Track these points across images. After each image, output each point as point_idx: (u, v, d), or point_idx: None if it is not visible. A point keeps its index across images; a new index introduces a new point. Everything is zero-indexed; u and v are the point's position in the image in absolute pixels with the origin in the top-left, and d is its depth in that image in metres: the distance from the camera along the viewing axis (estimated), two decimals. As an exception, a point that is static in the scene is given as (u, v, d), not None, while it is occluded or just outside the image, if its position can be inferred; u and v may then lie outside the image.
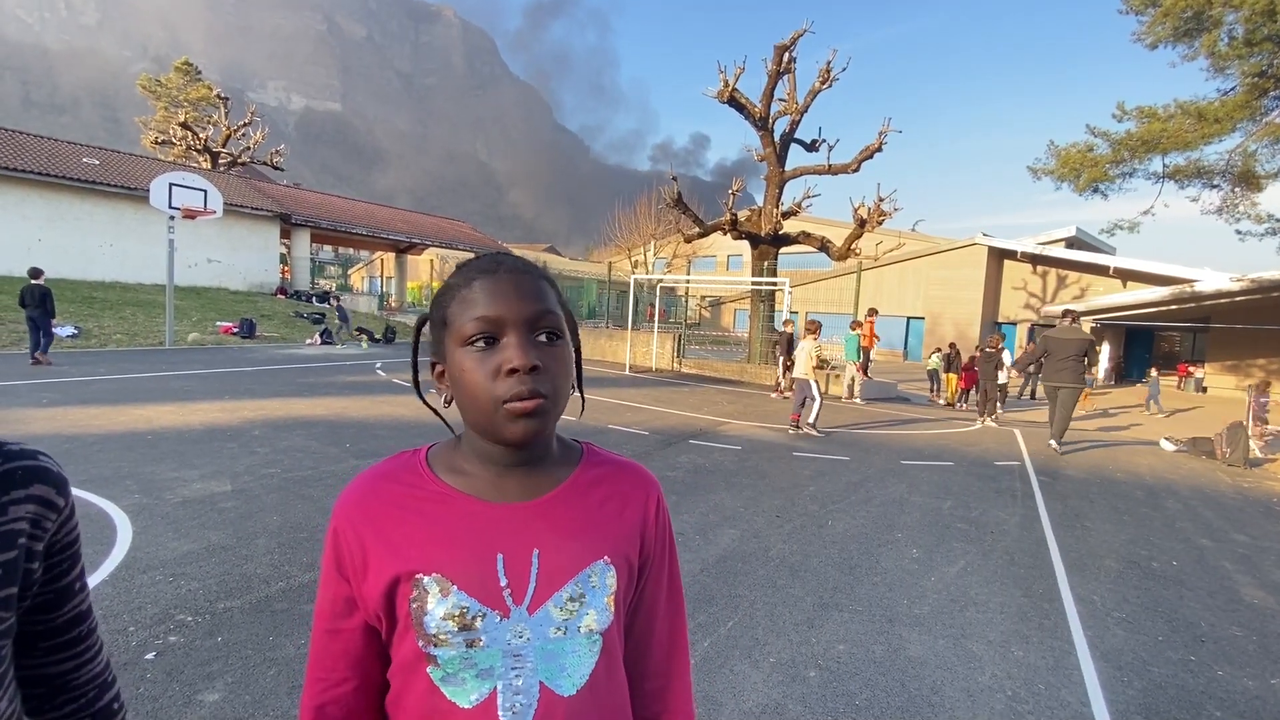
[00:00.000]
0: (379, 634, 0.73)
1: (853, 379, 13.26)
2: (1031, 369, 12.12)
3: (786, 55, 16.29)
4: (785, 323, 11.87)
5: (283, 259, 26.37)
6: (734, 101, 16.51)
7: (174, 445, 5.68)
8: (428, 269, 37.79)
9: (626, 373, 15.15)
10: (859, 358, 13.53)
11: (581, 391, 0.82)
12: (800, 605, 3.44)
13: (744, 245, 18.84)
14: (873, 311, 15.23)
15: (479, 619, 0.68)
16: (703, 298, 35.95)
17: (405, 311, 27.32)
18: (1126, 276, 23.33)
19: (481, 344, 0.68)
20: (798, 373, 8.70)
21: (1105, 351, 22.88)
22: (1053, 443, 8.49)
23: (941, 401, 14.11)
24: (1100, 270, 24.06)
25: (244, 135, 33.14)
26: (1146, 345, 25.68)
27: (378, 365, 13.20)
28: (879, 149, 16.36)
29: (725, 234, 17.26)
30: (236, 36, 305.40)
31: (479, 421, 0.69)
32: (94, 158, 20.77)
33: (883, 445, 8.21)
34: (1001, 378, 11.39)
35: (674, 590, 0.83)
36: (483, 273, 0.71)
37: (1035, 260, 26.14)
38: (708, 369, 16.32)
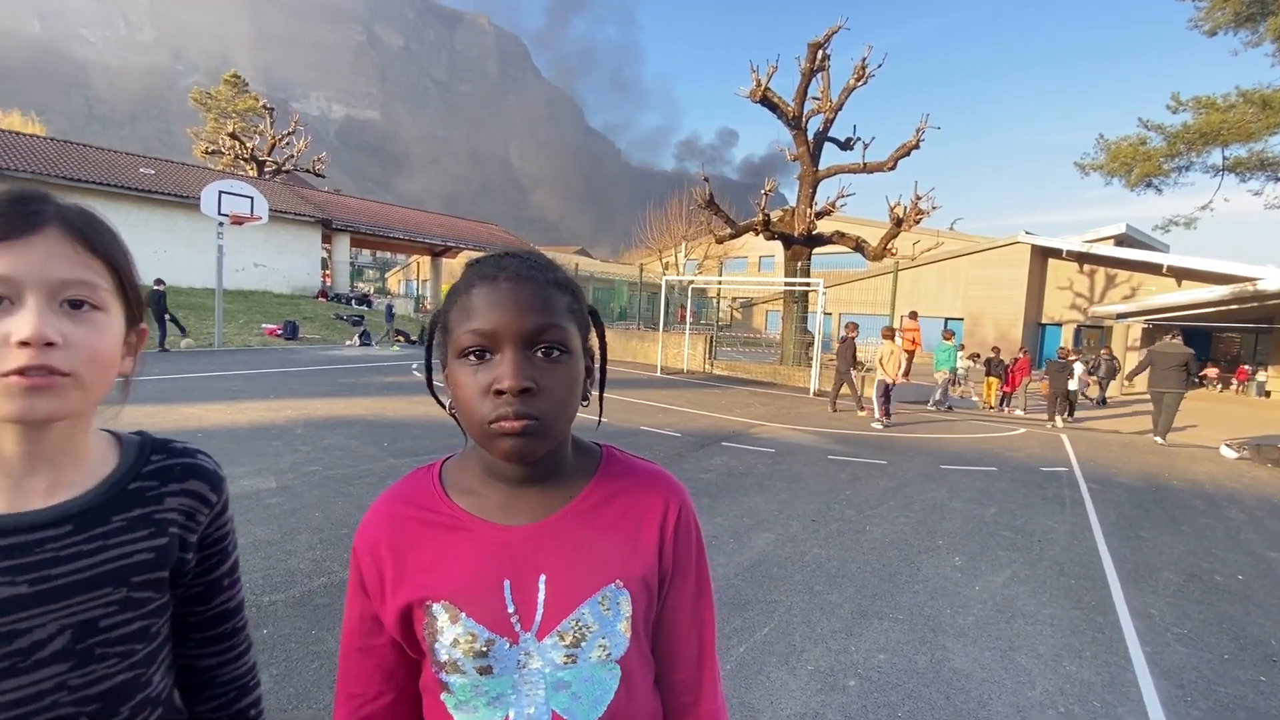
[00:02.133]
0: (407, 655, 0.73)
1: (947, 387, 12.78)
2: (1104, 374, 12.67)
3: (820, 52, 16.08)
4: (848, 328, 11.36)
5: (323, 263, 27.09)
6: (766, 101, 16.35)
7: (222, 443, 5.87)
8: (461, 271, 38.45)
9: (658, 374, 15.12)
10: (952, 365, 13.11)
11: (601, 399, 0.77)
12: (838, 612, 3.35)
13: (776, 246, 18.62)
14: (913, 315, 14.91)
15: (489, 646, 0.66)
16: (734, 299, 35.71)
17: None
18: (1181, 275, 22.34)
19: (473, 358, 0.65)
20: (884, 374, 9.75)
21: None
22: (1158, 439, 9.59)
23: (975, 399, 13.75)
24: (1153, 269, 23.10)
25: (288, 144, 34.15)
26: (1204, 347, 24.56)
27: (414, 366, 13.43)
28: (916, 146, 16.01)
29: (757, 234, 17.10)
30: (281, 49, 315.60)
31: (474, 436, 0.67)
32: (150, 168, 21.68)
33: (920, 449, 8.01)
34: (1072, 385, 11.96)
35: (701, 603, 0.77)
36: (482, 279, 0.67)
37: (1082, 259, 25.23)
38: (740, 370, 16.19)
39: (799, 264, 16.43)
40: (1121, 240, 27.46)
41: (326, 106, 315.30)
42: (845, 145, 17.21)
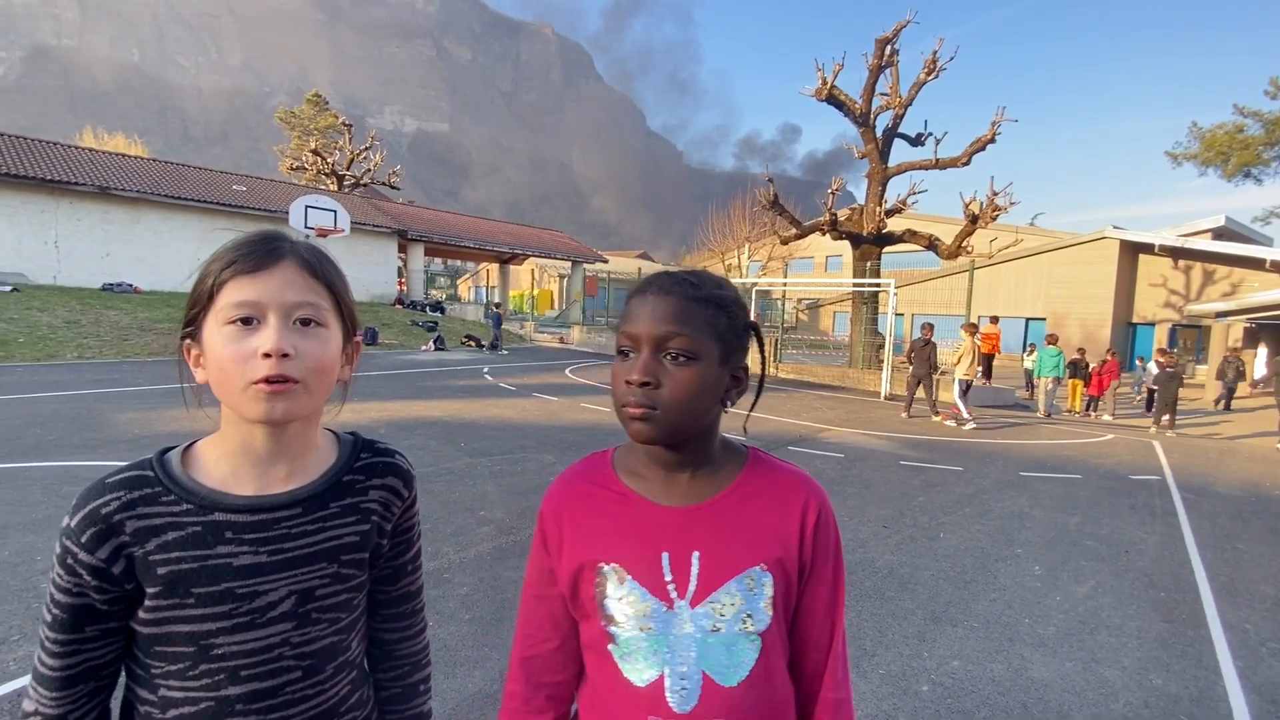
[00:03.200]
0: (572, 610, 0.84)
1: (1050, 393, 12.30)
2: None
3: (889, 48, 15.70)
4: (925, 329, 10.92)
5: (399, 271, 28.34)
6: (833, 99, 16.07)
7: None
8: (529, 278, 39.34)
9: (722, 377, 15.07)
10: (1060, 372, 12.62)
11: (754, 404, 0.88)
12: (910, 618, 3.34)
13: (843, 245, 18.26)
14: (994, 319, 14.47)
15: (649, 608, 0.77)
16: (799, 300, 35.11)
17: (508, 319, 28.57)
18: (1290, 270, 20.53)
19: (622, 355, 0.79)
20: (961, 374, 9.95)
21: (1261, 356, 20.20)
22: None
23: (1058, 404, 13.06)
24: (1255, 264, 21.29)
25: (365, 158, 35.90)
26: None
27: (485, 370, 13.92)
28: (992, 140, 15.39)
29: (824, 234, 16.82)
30: (356, 67, 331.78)
31: (620, 419, 0.80)
32: (241, 184, 23.30)
33: (999, 455, 7.73)
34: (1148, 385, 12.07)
35: (836, 597, 0.84)
36: (639, 291, 0.80)
37: (1176, 254, 23.53)
38: (806, 374, 15.96)
39: (869, 264, 16.08)
40: (1220, 234, 25.41)
41: (399, 120, 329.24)
42: (916, 141, 16.74)
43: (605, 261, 34.25)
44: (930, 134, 16.43)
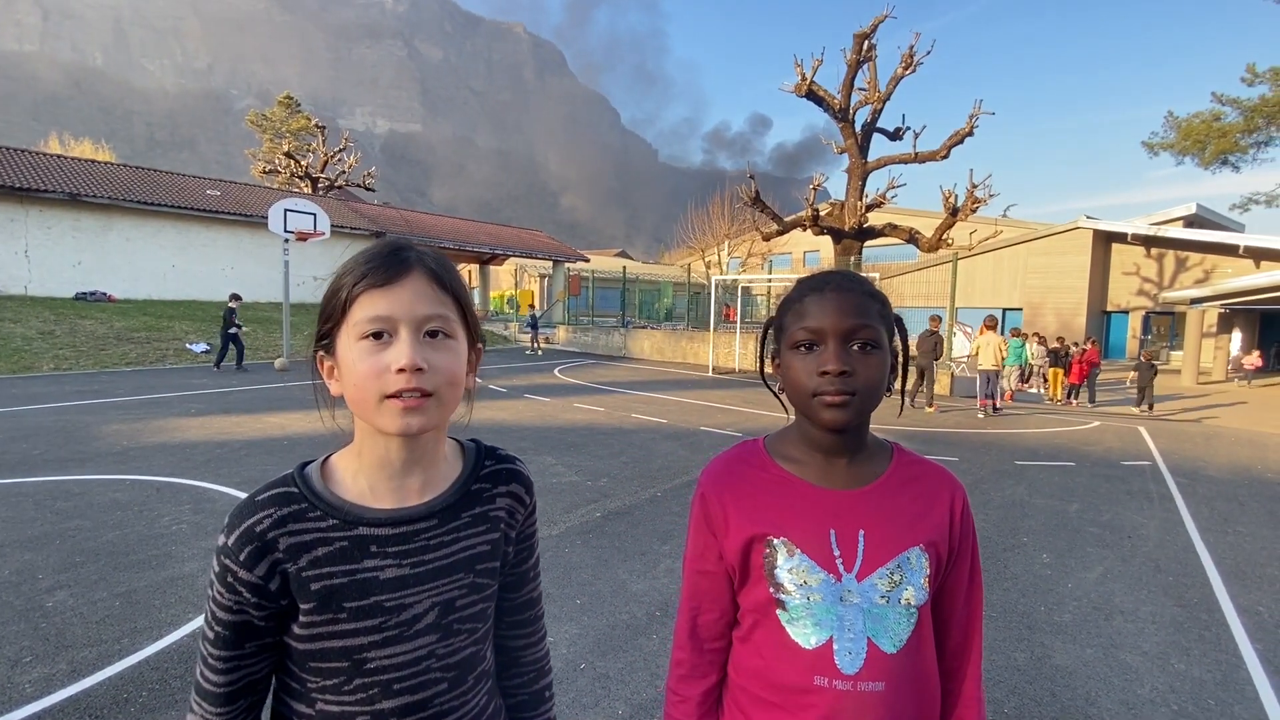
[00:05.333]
0: (733, 580, 0.90)
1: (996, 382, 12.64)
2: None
3: (867, 43, 15.84)
4: (932, 320, 11.15)
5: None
6: (813, 95, 16.19)
7: (308, 449, 6.18)
8: (509, 279, 39.06)
9: (710, 374, 15.14)
10: (1023, 361, 13.44)
11: (904, 391, 0.92)
12: (930, 610, 3.36)
13: (821, 241, 18.46)
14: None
15: (818, 579, 0.83)
16: (778, 296, 35.32)
17: (489, 320, 28.36)
18: (1261, 256, 21.09)
19: (803, 349, 0.84)
20: (985, 364, 10.25)
21: (1236, 340, 20.77)
22: None
23: (1040, 393, 13.31)
24: (1228, 250, 21.88)
25: (339, 160, 35.37)
26: (1285, 331, 23.16)
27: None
28: (970, 133, 15.61)
29: (805, 230, 16.94)
30: (327, 68, 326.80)
31: (800, 407, 0.86)
32: (215, 189, 22.79)
33: (992, 445, 7.84)
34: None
35: (974, 580, 0.92)
36: (812, 290, 0.86)
37: (1149, 242, 24.10)
38: (793, 368, 16.03)
39: (850, 258, 16.21)
40: (1192, 221, 26.08)
41: (371, 121, 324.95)
42: (895, 135, 16.91)
43: (587, 260, 34.12)
44: (909, 128, 16.61)
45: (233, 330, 12.77)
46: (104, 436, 6.60)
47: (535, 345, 20.17)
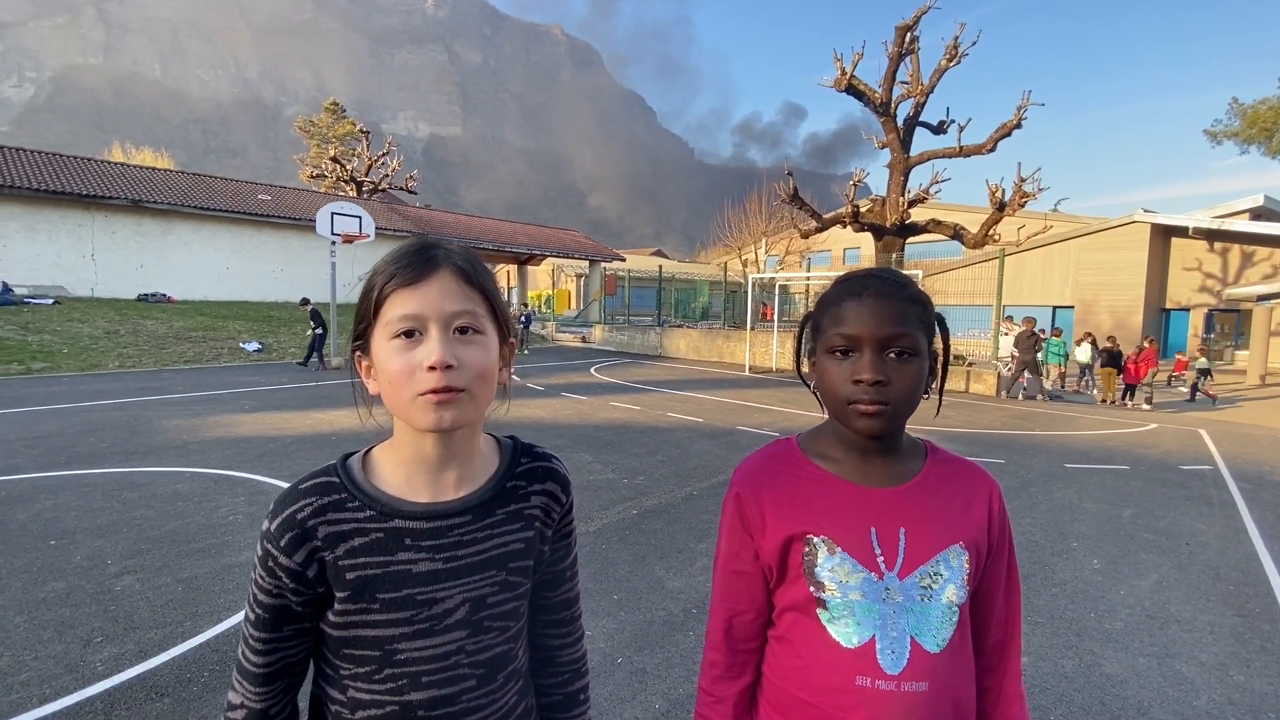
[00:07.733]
0: (768, 580, 0.89)
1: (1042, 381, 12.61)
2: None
3: (909, 35, 15.49)
4: (1027, 321, 11.71)
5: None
6: (853, 89, 15.91)
7: (354, 445, 6.33)
8: (547, 278, 39.50)
9: (746, 373, 15.04)
10: (1062, 361, 13.69)
11: (942, 391, 0.90)
12: (973, 614, 3.29)
13: (862, 238, 18.10)
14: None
15: (859, 577, 0.82)
16: (816, 295, 34.81)
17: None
18: (1334, 249, 19.92)
19: (839, 354, 0.83)
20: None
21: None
22: None
23: (1096, 395, 12.81)
24: (1299, 243, 20.70)
25: (383, 164, 36.25)
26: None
27: (511, 371, 13.96)
28: (1018, 125, 15.13)
29: (845, 227, 16.67)
30: (371, 74, 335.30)
31: (834, 411, 0.85)
32: (266, 194, 23.65)
33: (1041, 447, 7.60)
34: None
35: (1012, 577, 0.91)
36: (851, 294, 0.84)
37: (1212, 236, 22.92)
38: (832, 368, 15.80)
39: (892, 255, 15.89)
40: (1259, 214, 24.68)
41: (413, 125, 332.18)
42: (938, 129, 16.49)
43: (623, 259, 34.24)
44: (953, 121, 16.18)
45: (319, 330, 13.70)
46: (165, 431, 6.93)
47: (524, 347, 19.30)
